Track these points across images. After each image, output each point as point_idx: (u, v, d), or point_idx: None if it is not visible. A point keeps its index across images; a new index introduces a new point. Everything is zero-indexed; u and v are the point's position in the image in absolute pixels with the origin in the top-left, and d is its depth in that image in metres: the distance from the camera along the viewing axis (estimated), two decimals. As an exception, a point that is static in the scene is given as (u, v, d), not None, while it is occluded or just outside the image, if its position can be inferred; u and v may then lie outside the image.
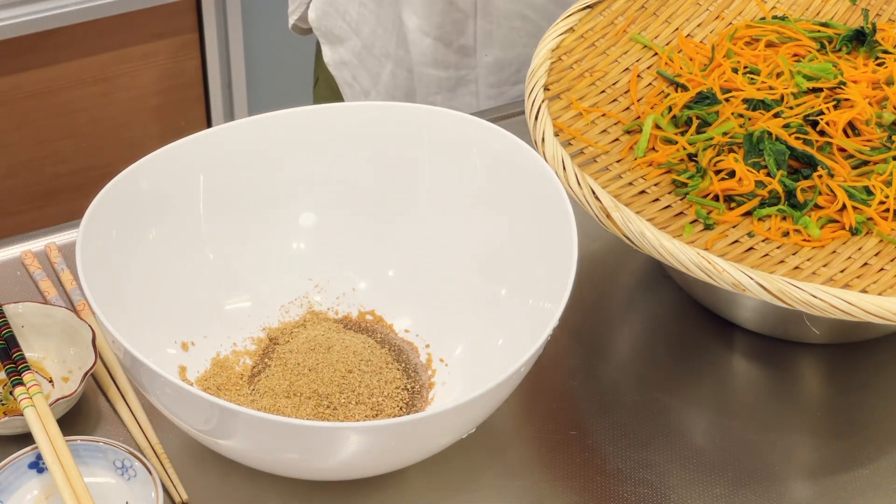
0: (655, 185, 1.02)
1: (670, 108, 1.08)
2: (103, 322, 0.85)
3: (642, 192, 1.01)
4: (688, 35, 1.17)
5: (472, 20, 1.31)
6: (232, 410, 0.82)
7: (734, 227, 0.99)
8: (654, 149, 1.05)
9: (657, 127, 1.06)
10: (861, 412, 1.02)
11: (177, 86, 2.13)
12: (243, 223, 1.04)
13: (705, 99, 1.08)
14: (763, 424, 1.01)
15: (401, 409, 0.97)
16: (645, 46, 1.15)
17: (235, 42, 2.14)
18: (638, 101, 1.10)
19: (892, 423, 1.01)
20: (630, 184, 1.02)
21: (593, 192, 0.96)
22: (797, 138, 1.03)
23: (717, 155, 1.03)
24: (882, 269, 0.95)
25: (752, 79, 1.10)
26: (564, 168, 0.98)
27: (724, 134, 1.05)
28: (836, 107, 1.06)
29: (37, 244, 1.12)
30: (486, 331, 1.00)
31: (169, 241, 1.00)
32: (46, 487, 0.91)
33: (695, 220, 0.99)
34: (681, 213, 1.00)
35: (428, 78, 1.34)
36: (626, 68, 1.13)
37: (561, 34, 1.14)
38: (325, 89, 1.49)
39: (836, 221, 0.99)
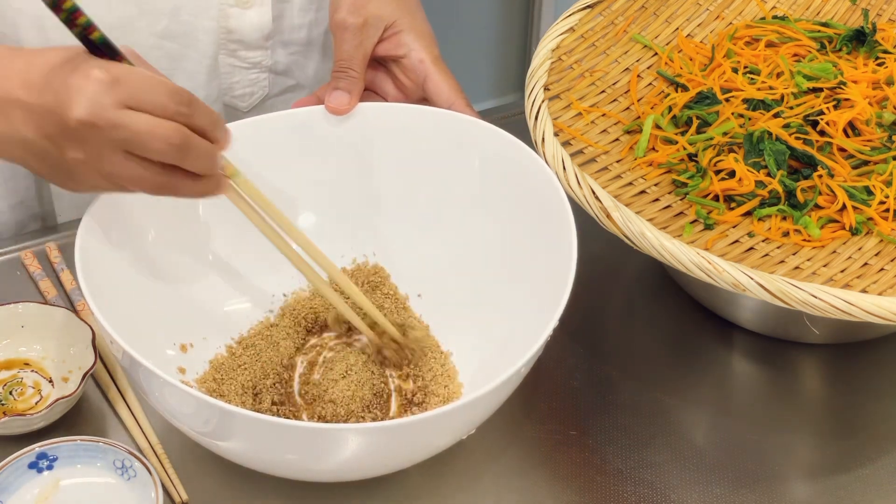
0: (655, 185, 1.02)
1: (670, 108, 1.08)
2: (102, 323, 0.85)
3: (642, 192, 1.01)
4: (688, 35, 1.17)
5: None
6: (231, 412, 0.82)
7: (734, 227, 0.99)
8: (654, 149, 1.05)
9: (657, 127, 1.06)
10: (861, 412, 1.02)
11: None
12: (243, 224, 1.04)
13: (705, 99, 1.08)
14: (763, 424, 1.01)
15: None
16: (645, 46, 1.15)
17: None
18: (638, 101, 1.10)
19: (892, 423, 1.01)
20: (630, 184, 1.02)
21: (593, 192, 0.96)
22: (797, 138, 1.03)
23: (717, 155, 1.03)
24: (882, 269, 0.95)
25: (752, 79, 1.10)
26: (564, 168, 0.98)
27: (724, 134, 1.05)
28: (836, 107, 1.06)
29: (37, 244, 1.12)
30: (485, 331, 1.00)
31: (168, 242, 1.00)
32: (46, 487, 0.91)
33: (695, 220, 0.99)
34: (681, 213, 1.00)
35: None
36: (626, 68, 1.13)
37: (561, 34, 1.14)
38: None
39: (837, 221, 0.99)
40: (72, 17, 0.81)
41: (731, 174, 1.01)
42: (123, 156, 0.82)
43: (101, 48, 0.83)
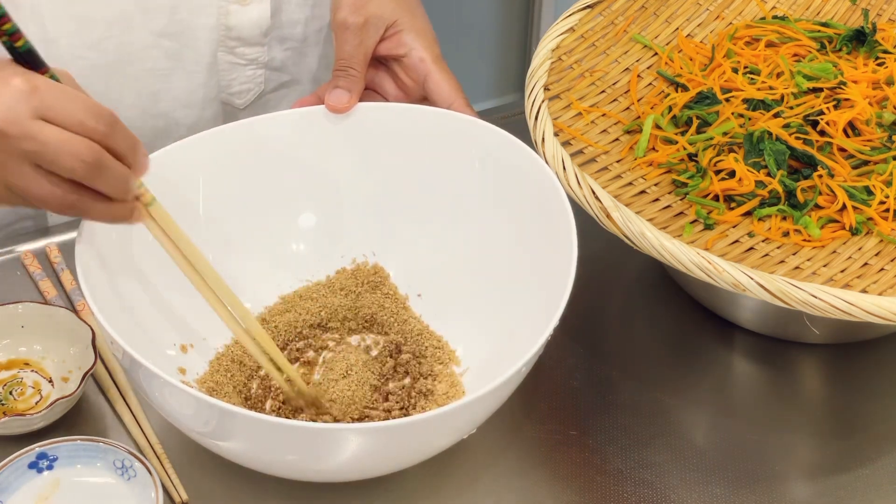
0: (655, 185, 1.02)
1: (670, 108, 1.08)
2: (102, 323, 0.85)
3: (642, 192, 1.01)
4: (688, 35, 1.17)
5: None
6: (231, 412, 0.82)
7: (734, 227, 0.99)
8: (654, 149, 1.05)
9: (657, 127, 1.06)
10: (861, 412, 1.02)
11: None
12: (243, 225, 1.04)
13: (705, 99, 1.08)
14: (763, 424, 1.01)
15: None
16: (645, 46, 1.15)
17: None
18: (638, 101, 1.10)
19: (892, 423, 1.01)
20: (630, 184, 1.02)
21: (593, 192, 0.96)
22: (797, 138, 1.03)
23: (717, 155, 1.03)
24: (882, 269, 0.95)
25: (752, 79, 1.10)
26: (564, 168, 0.98)
27: (724, 134, 1.05)
28: (836, 107, 1.06)
29: (37, 244, 1.12)
30: (486, 331, 1.00)
31: (169, 241, 0.99)
32: (46, 487, 0.91)
33: (695, 220, 0.99)
34: (681, 213, 1.00)
35: None
36: (626, 68, 1.13)
37: (561, 34, 1.14)
38: None
39: (837, 221, 0.99)
40: None
41: (731, 174, 1.01)
42: (32, 169, 0.80)
43: (26, 58, 0.81)
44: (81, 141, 0.79)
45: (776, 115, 1.06)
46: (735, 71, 1.11)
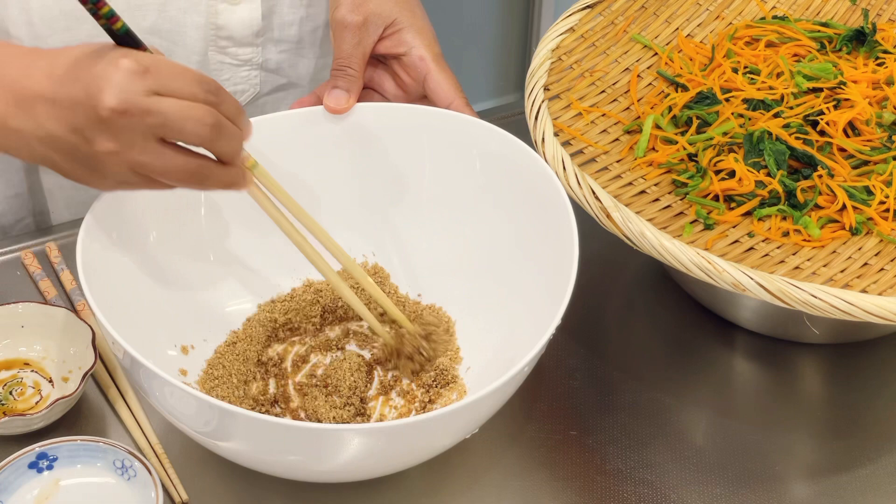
0: (655, 185, 1.02)
1: (670, 108, 1.08)
2: (104, 323, 0.85)
3: (642, 192, 1.02)
4: (688, 35, 1.17)
5: None
6: (232, 412, 0.82)
7: (734, 227, 0.99)
8: (654, 149, 1.05)
9: (657, 127, 1.06)
10: (861, 412, 1.02)
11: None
12: (244, 225, 1.04)
13: (705, 99, 1.08)
14: (763, 424, 1.01)
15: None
16: (645, 46, 1.15)
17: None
18: (638, 101, 1.10)
19: (892, 423, 1.01)
20: (630, 184, 1.02)
21: (593, 192, 0.96)
22: (797, 138, 1.03)
23: (717, 155, 1.03)
24: (882, 269, 0.95)
25: (752, 79, 1.10)
26: (564, 168, 0.98)
27: (724, 134, 1.05)
28: (836, 107, 1.06)
29: (37, 244, 1.12)
30: (487, 331, 1.00)
31: (169, 242, 1.00)
32: (46, 487, 0.91)
33: (695, 220, 0.99)
34: (681, 213, 1.00)
35: None
36: (626, 68, 1.13)
37: (561, 34, 1.14)
38: None
39: (837, 221, 0.99)
40: (96, 8, 0.81)
41: (731, 174, 1.01)
42: (157, 143, 0.82)
43: (125, 39, 0.83)
44: (200, 107, 0.82)
45: (776, 115, 1.06)
46: (735, 71, 1.11)
